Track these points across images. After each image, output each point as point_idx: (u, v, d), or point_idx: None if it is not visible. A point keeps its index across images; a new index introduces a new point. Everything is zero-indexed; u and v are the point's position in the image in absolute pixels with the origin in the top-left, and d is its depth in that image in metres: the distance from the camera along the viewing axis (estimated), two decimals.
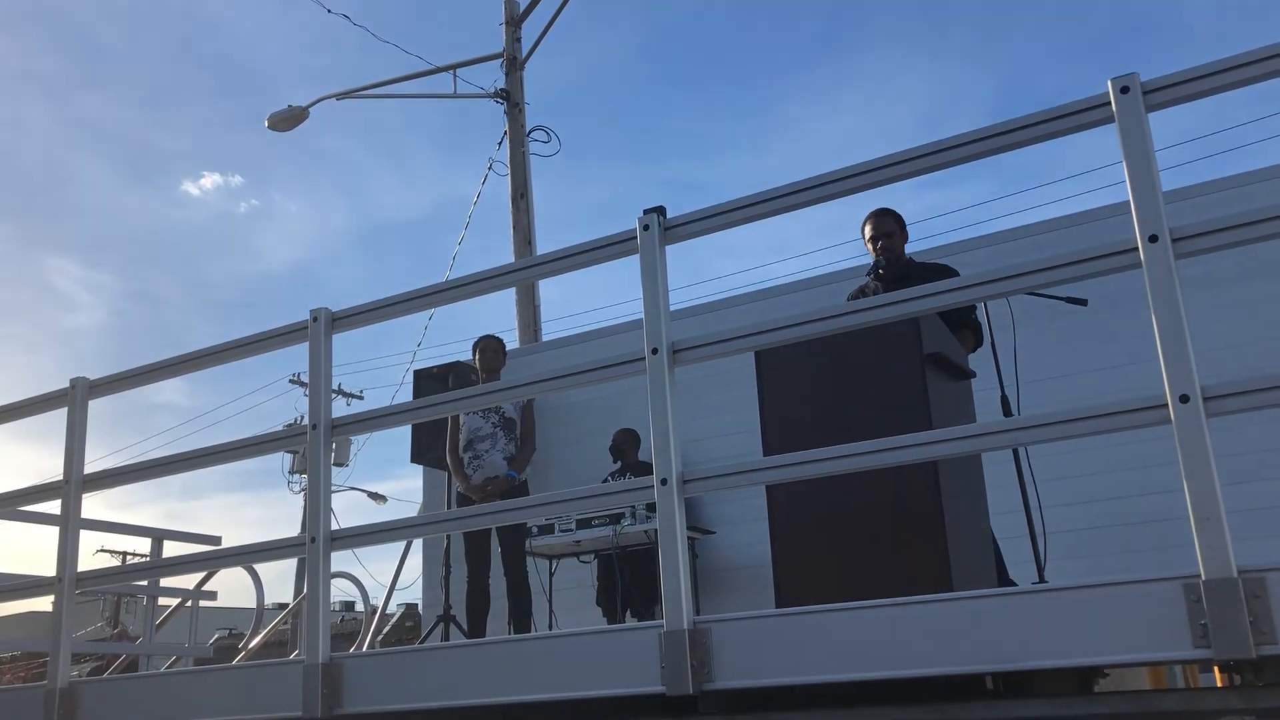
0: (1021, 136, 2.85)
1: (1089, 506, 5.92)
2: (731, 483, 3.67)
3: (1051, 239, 6.37)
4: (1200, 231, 2.57)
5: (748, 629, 2.89)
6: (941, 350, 3.67)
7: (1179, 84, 2.67)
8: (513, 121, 12.22)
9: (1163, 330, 2.52)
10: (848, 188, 3.08)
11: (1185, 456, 2.44)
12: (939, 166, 2.98)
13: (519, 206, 11.90)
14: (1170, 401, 2.48)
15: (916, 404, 3.47)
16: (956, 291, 2.97)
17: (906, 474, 3.35)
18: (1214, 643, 2.32)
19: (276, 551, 4.04)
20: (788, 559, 3.56)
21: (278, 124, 12.16)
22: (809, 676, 2.75)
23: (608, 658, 3.07)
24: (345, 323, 3.88)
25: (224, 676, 4.00)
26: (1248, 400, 2.49)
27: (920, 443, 2.93)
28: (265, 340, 4.09)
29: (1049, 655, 2.52)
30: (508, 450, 6.09)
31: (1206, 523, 2.39)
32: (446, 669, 3.37)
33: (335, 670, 3.46)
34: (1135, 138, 2.65)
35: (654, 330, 3.17)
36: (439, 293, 3.84)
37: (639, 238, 3.27)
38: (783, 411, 3.70)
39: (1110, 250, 2.67)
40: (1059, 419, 2.70)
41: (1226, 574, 2.33)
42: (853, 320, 3.09)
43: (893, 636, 2.67)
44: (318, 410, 3.78)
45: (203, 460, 4.19)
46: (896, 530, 3.42)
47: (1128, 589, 2.46)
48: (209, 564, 6.19)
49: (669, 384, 3.12)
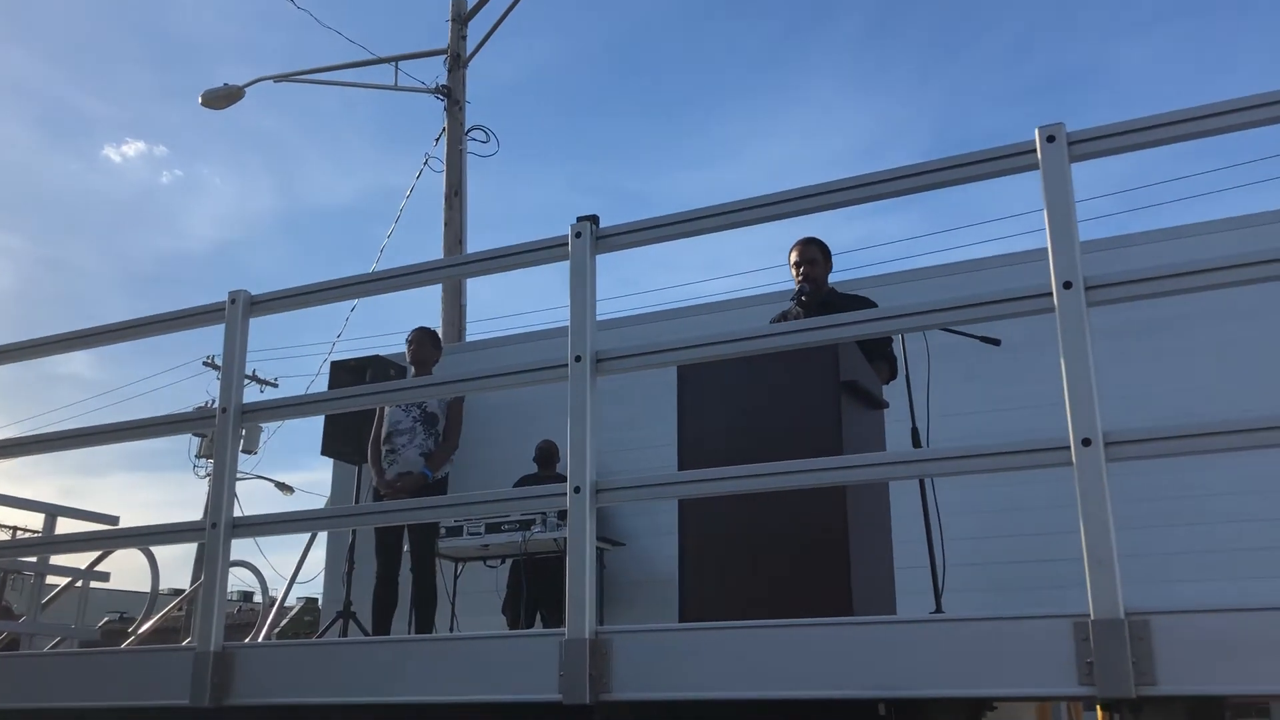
0: (950, 176, 2.92)
1: (993, 541, 6.05)
2: (645, 495, 3.70)
3: (976, 278, 6.52)
4: (1113, 282, 2.65)
5: (649, 642, 2.89)
6: (857, 379, 3.74)
7: (1104, 137, 2.75)
8: (452, 119, 12.14)
9: (1070, 374, 2.59)
10: (781, 212, 3.12)
11: (1083, 499, 2.51)
12: (869, 199, 3.04)
13: (452, 204, 11.83)
14: (1073, 444, 2.55)
15: (830, 429, 3.52)
16: (875, 322, 3.03)
17: (816, 498, 3.40)
18: (1098, 681, 2.38)
19: (175, 535, 3.95)
20: (694, 575, 3.58)
21: (213, 101, 11.94)
22: (706, 692, 2.76)
23: (507, 663, 3.05)
24: (264, 307, 3.81)
25: (111, 660, 3.89)
26: (1148, 448, 2.57)
27: (831, 467, 2.98)
28: (180, 319, 4.00)
29: (941, 685, 2.57)
30: (425, 446, 6.00)
31: (1099, 565, 2.45)
32: (342, 665, 3.32)
33: (227, 659, 3.39)
34: (1057, 185, 2.72)
35: (579, 338, 3.17)
36: (364, 283, 3.79)
37: (570, 244, 3.27)
38: (700, 428, 3.73)
39: (1025, 294, 2.74)
40: (965, 454, 2.77)
41: (1114, 615, 2.40)
42: (774, 343, 3.13)
43: (790, 657, 2.69)
44: (229, 394, 3.70)
45: (107, 437, 4.08)
46: (802, 553, 3.46)
47: (1020, 624, 2.51)
48: (104, 544, 6.03)
49: (590, 392, 3.12)
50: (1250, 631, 2.32)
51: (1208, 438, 2.51)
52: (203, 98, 11.92)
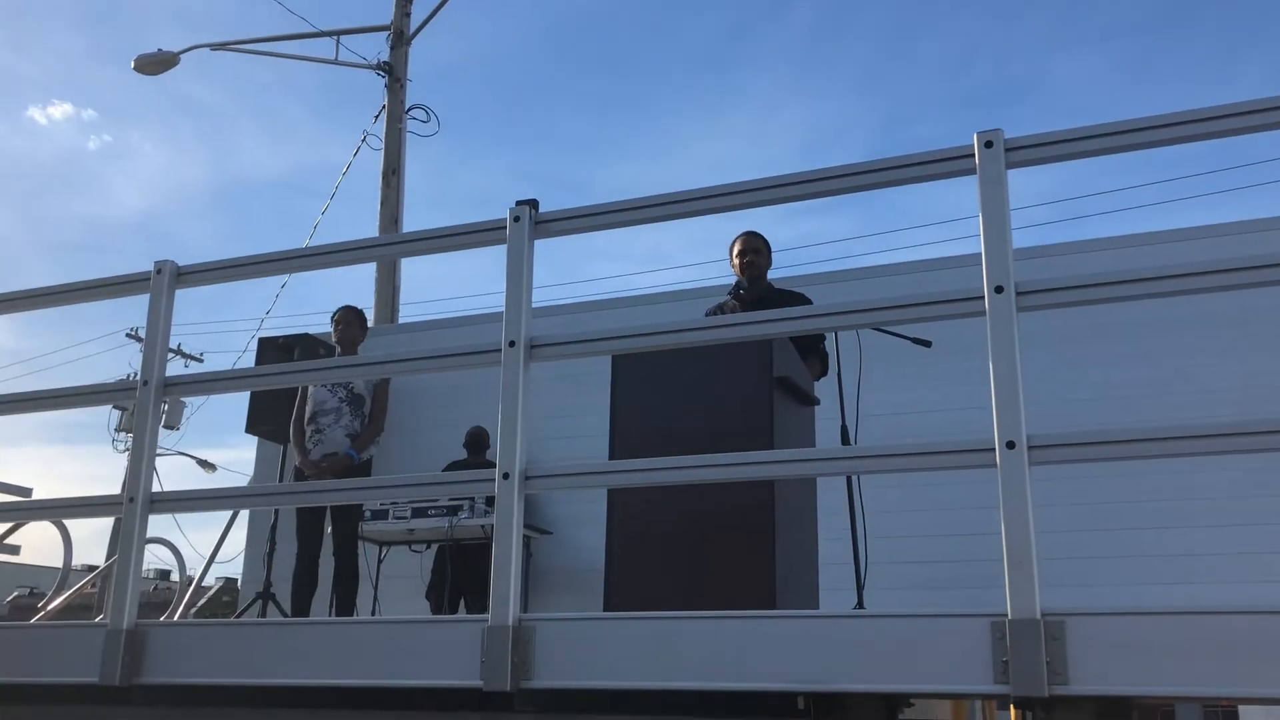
0: (889, 176, 2.95)
1: (918, 541, 6.14)
2: (574, 483, 3.68)
3: (911, 280, 6.60)
4: (1044, 288, 2.70)
5: (571, 630, 2.89)
6: (790, 375, 3.76)
7: (1041, 145, 2.79)
8: (392, 97, 11.99)
9: (998, 377, 2.63)
10: (721, 205, 3.12)
11: (1006, 500, 2.54)
12: (809, 195, 3.05)
13: (389, 183, 11.68)
14: (998, 446, 2.58)
15: (761, 424, 3.54)
16: (809, 319, 3.05)
17: (744, 491, 3.41)
18: (1012, 679, 2.42)
19: (90, 509, 3.85)
20: (620, 565, 3.58)
21: (146, 66, 11.65)
22: (627, 681, 2.76)
23: (428, 648, 3.02)
24: (191, 278, 3.72)
25: (18, 635, 3.78)
26: (1070, 453, 2.62)
27: (760, 461, 2.99)
28: (104, 287, 3.89)
29: (860, 680, 2.60)
30: (351, 427, 5.92)
31: (1018, 566, 2.49)
32: (259, 646, 3.26)
33: (140, 637, 3.31)
34: (993, 191, 2.76)
35: (513, 323, 3.15)
36: (296, 258, 3.73)
37: (508, 228, 3.24)
38: (632, 419, 3.73)
39: (957, 296, 2.77)
40: (892, 452, 2.80)
41: (1031, 615, 2.44)
42: (708, 335, 3.13)
43: (712, 649, 2.70)
44: (151, 366, 3.62)
45: (24, 405, 3.96)
46: (728, 546, 3.48)
47: (939, 622, 2.55)
48: (15, 515, 5.87)
49: (522, 378, 3.10)
50: (1161, 635, 2.37)
51: (1129, 444, 2.56)
52: (136, 62, 11.62)
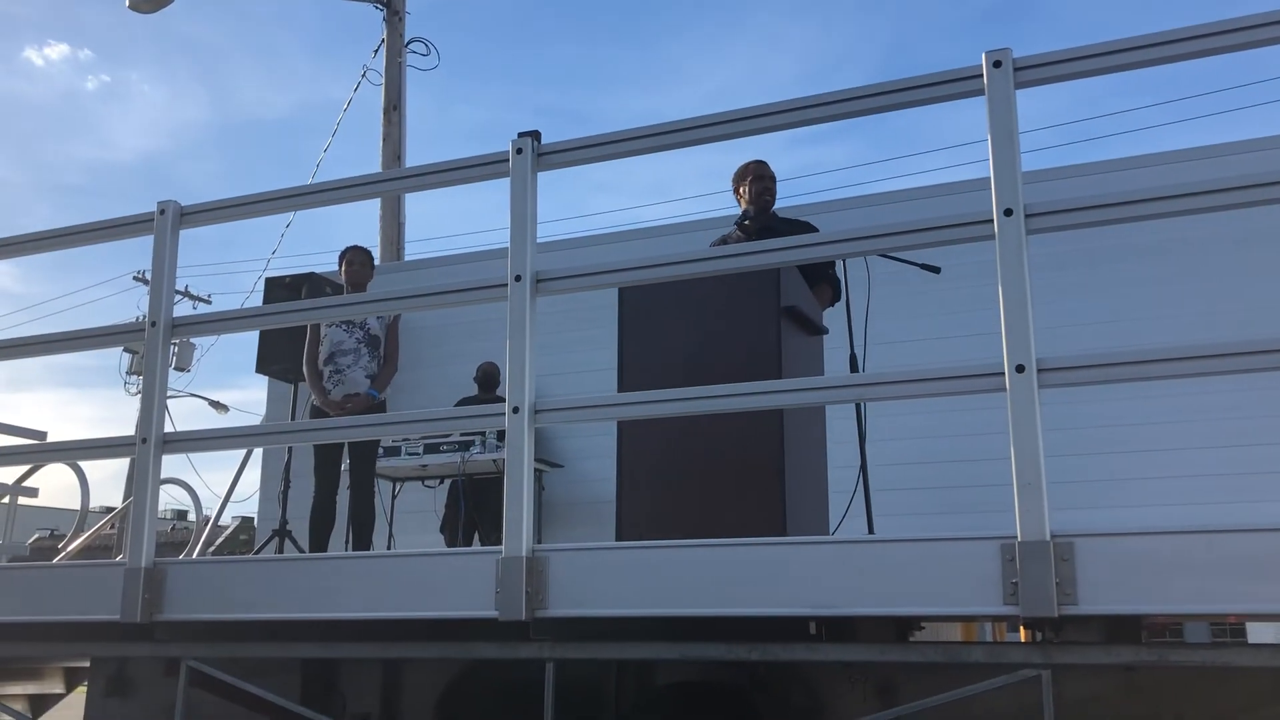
0: (895, 99, 2.90)
1: (929, 467, 6.17)
2: (583, 416, 3.69)
3: (917, 206, 6.55)
4: (1054, 210, 2.67)
5: (584, 560, 2.92)
6: (798, 304, 3.75)
7: (1050, 64, 2.74)
8: (392, 31, 11.83)
9: (1007, 301, 2.61)
10: (725, 133, 3.08)
11: (1015, 423, 2.55)
12: (815, 120, 3.02)
13: (390, 119, 11.57)
14: (1007, 370, 2.58)
15: (769, 354, 3.53)
16: (817, 246, 3.03)
17: (753, 421, 3.42)
18: (1022, 601, 2.44)
19: (105, 450, 3.88)
20: (631, 496, 3.61)
21: (140, 5, 11.48)
22: (640, 609, 2.80)
23: (444, 580, 3.05)
24: (195, 218, 3.70)
25: (41, 575, 3.84)
26: (1080, 375, 2.61)
27: (769, 390, 2.99)
28: (108, 229, 3.88)
29: (870, 604, 2.63)
30: (370, 368, 5.97)
31: (1027, 488, 2.50)
32: (276, 582, 3.30)
33: (158, 575, 3.35)
34: (1002, 112, 2.72)
35: (519, 257, 3.13)
36: (299, 196, 3.70)
37: (511, 160, 3.21)
38: (640, 351, 3.72)
39: (966, 220, 2.75)
40: (902, 379, 2.79)
41: (1040, 537, 2.46)
42: (715, 266, 3.12)
43: (723, 576, 2.73)
44: (158, 306, 3.61)
45: (34, 349, 3.98)
46: (738, 475, 3.49)
47: (948, 545, 2.57)
48: (31, 457, 5.92)
49: (529, 312, 3.09)
50: (1168, 554, 2.39)
51: (1137, 365, 2.55)
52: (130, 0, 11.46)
